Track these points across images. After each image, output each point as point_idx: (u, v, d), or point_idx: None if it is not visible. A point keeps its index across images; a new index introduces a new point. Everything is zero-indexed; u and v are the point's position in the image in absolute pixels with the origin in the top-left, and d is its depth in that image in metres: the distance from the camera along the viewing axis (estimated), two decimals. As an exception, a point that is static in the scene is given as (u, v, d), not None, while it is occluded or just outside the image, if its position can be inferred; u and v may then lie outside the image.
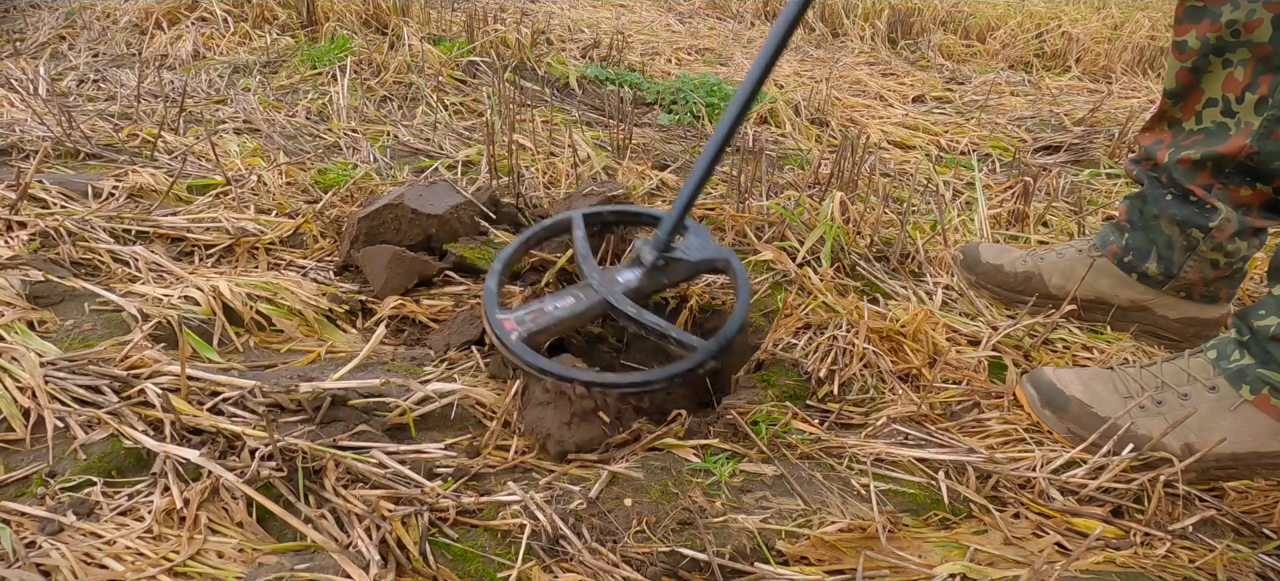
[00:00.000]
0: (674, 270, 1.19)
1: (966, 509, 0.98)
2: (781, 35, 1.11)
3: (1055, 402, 1.11)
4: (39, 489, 0.84)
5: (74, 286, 1.15)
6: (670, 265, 1.18)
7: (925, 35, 3.88)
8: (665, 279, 1.19)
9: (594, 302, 1.12)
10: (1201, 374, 1.06)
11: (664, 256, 1.17)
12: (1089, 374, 1.13)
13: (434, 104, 2.26)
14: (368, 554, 0.80)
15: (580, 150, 1.97)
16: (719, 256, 1.22)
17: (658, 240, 1.17)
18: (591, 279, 1.15)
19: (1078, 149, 2.55)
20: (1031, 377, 1.16)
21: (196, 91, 2.23)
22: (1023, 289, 1.42)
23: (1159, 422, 1.05)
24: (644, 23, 3.79)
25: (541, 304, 1.13)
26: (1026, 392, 1.15)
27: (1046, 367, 1.17)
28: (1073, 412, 1.09)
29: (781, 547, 0.89)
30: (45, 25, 2.79)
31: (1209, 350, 1.09)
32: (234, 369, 1.06)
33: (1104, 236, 1.40)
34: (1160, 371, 1.10)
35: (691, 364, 1.06)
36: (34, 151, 1.64)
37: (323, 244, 1.46)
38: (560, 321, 1.11)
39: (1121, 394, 1.09)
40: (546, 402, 1.04)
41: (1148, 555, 0.92)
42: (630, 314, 1.10)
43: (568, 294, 1.16)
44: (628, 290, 1.14)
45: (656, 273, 1.17)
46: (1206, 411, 1.03)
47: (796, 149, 2.30)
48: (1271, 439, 1.00)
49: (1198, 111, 1.23)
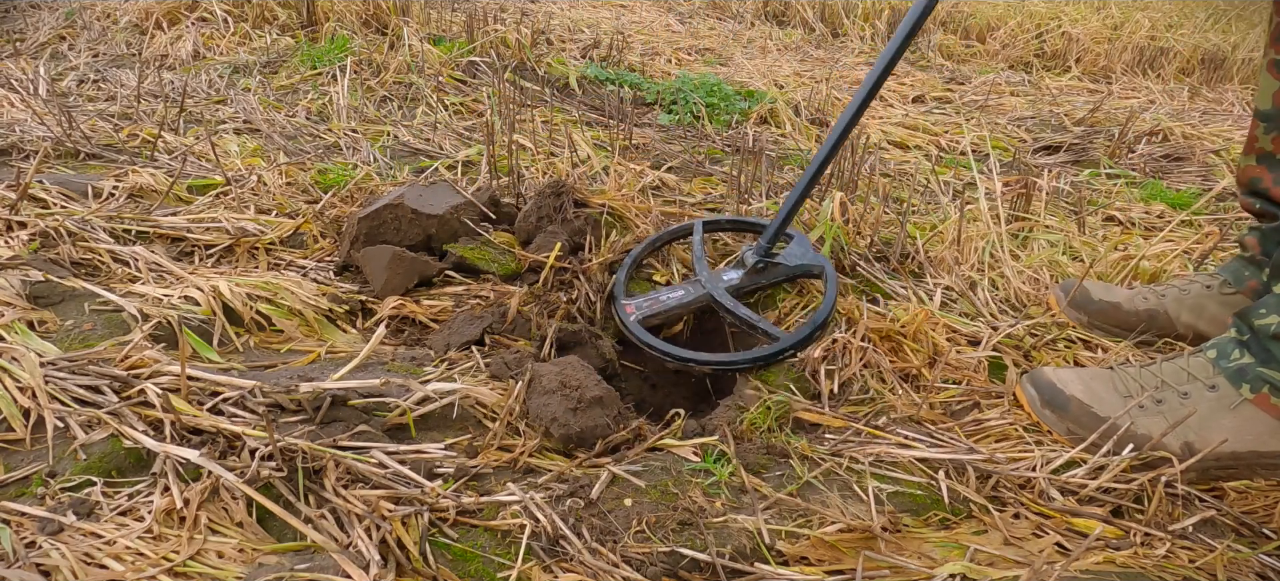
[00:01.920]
0: (773, 273, 1.35)
1: (966, 509, 0.98)
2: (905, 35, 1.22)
3: (1055, 402, 1.10)
4: (39, 489, 0.84)
5: (74, 286, 1.15)
6: (769, 268, 1.35)
7: (925, 35, 3.88)
8: (764, 280, 1.35)
9: (700, 295, 1.32)
10: (1201, 373, 1.06)
11: (764, 260, 1.34)
12: (1089, 374, 1.13)
13: (434, 104, 2.26)
14: (368, 554, 0.80)
15: (580, 150, 1.97)
16: (815, 263, 1.35)
17: (759, 246, 1.34)
18: (701, 275, 1.34)
19: (1078, 149, 2.55)
20: (1031, 378, 1.15)
21: (196, 91, 2.23)
22: (1145, 328, 1.35)
23: (1159, 422, 1.04)
24: (644, 23, 3.79)
25: (657, 294, 1.34)
26: (1026, 392, 1.15)
27: (1046, 368, 1.16)
28: (1073, 412, 1.09)
29: (781, 547, 0.89)
30: (45, 25, 2.79)
31: (1209, 349, 1.09)
32: (234, 369, 1.06)
33: (1237, 272, 1.33)
34: (1160, 371, 1.10)
35: (774, 350, 1.20)
36: (34, 151, 1.64)
37: (323, 244, 1.46)
38: (670, 308, 1.32)
39: (1121, 393, 1.09)
40: (552, 391, 1.04)
41: (1148, 555, 0.92)
42: (727, 306, 1.28)
43: (680, 287, 1.37)
44: (729, 287, 1.32)
45: (756, 273, 1.34)
46: (1206, 410, 1.02)
47: (796, 149, 2.30)
48: (1271, 438, 1.00)
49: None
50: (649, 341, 1.26)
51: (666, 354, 1.24)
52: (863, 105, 1.25)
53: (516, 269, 1.42)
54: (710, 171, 2.02)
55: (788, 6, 4.16)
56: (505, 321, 1.27)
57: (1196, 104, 3.24)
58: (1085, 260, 1.59)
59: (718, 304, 1.30)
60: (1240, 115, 3.09)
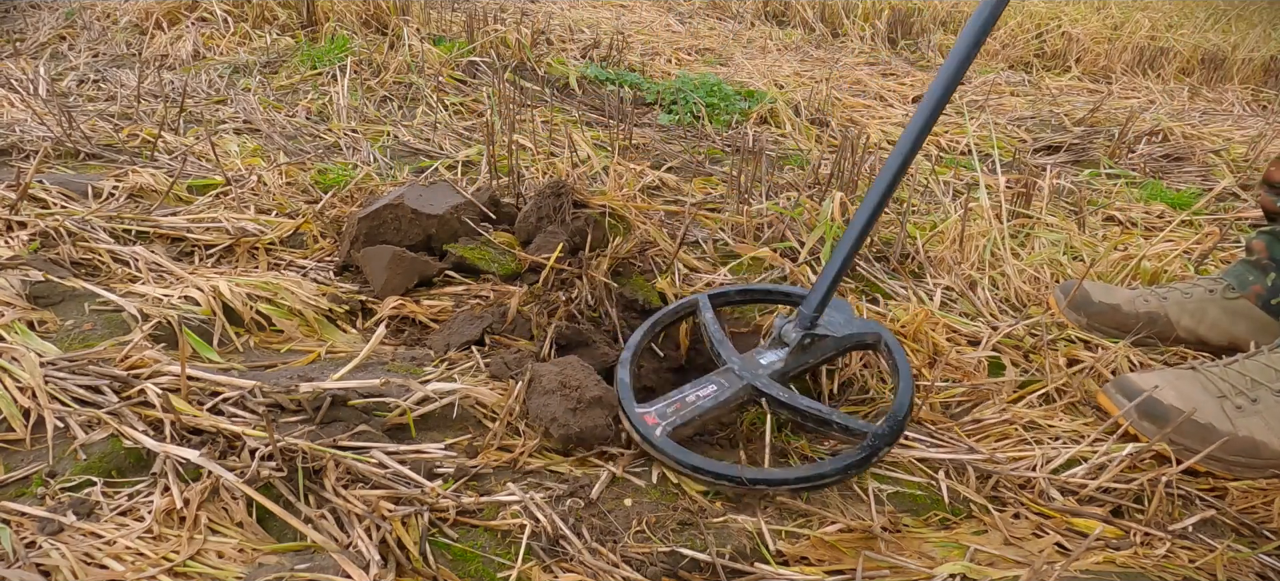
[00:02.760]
0: (820, 348, 1.12)
1: (966, 509, 0.98)
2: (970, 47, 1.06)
3: (1154, 413, 1.07)
4: (39, 489, 0.84)
5: (74, 286, 1.15)
6: (815, 343, 1.11)
7: (925, 35, 3.88)
8: (810, 358, 1.12)
9: (739, 388, 1.05)
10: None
11: (810, 335, 1.10)
12: (1175, 376, 1.10)
13: (434, 104, 2.26)
14: (368, 554, 0.80)
15: (580, 150, 1.97)
16: (869, 331, 1.14)
17: (804, 318, 1.11)
18: (731, 363, 1.08)
19: (1078, 149, 2.55)
20: (1120, 386, 1.11)
21: (196, 91, 2.23)
22: (1145, 330, 1.34)
23: (1257, 422, 1.04)
24: (644, 23, 3.79)
25: (682, 394, 1.06)
26: (1117, 402, 1.11)
27: (1132, 374, 1.12)
28: (1174, 421, 1.05)
29: (781, 547, 0.89)
30: (45, 25, 2.79)
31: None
32: (234, 369, 1.06)
33: (1240, 276, 1.32)
34: (1246, 368, 1.09)
35: (865, 453, 0.98)
36: (34, 151, 1.64)
37: (323, 244, 1.46)
38: (704, 412, 1.03)
39: (1214, 396, 1.07)
40: (551, 391, 1.04)
41: (1148, 555, 0.92)
42: (781, 399, 1.03)
43: (709, 381, 1.08)
44: (772, 373, 1.07)
45: (802, 352, 1.10)
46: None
47: (796, 149, 2.30)
48: None
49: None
50: (693, 463, 0.96)
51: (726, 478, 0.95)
52: (919, 139, 1.06)
53: (517, 269, 1.42)
54: (710, 171, 2.02)
55: (788, 6, 4.16)
56: (505, 321, 1.27)
57: (1196, 104, 3.24)
58: (1085, 260, 1.59)
59: (767, 397, 1.04)
60: (1240, 115, 3.09)
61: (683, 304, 1.24)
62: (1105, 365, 1.26)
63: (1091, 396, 1.19)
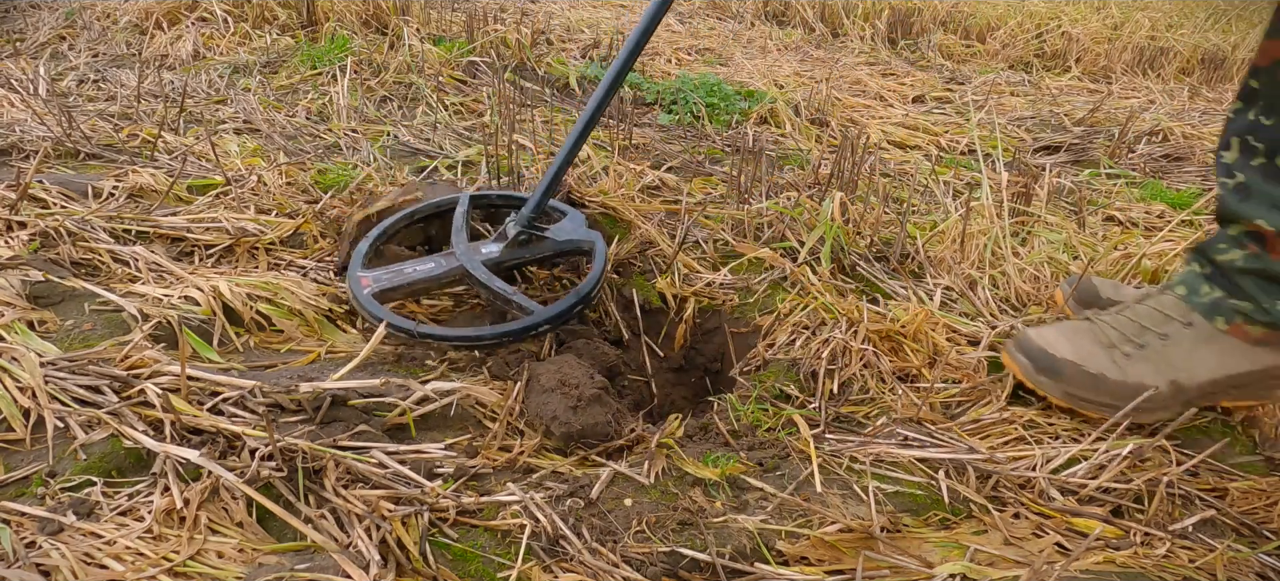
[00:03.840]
0: (538, 247, 1.29)
1: (966, 509, 0.98)
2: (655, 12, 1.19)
3: (1050, 368, 1.10)
4: (39, 489, 0.84)
5: (74, 286, 1.15)
6: (534, 241, 1.28)
7: (925, 35, 3.88)
8: (527, 254, 1.28)
9: (453, 268, 1.23)
10: (1175, 311, 1.11)
11: (527, 232, 1.26)
12: (1071, 329, 1.14)
13: (434, 104, 2.26)
14: (368, 554, 0.80)
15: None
16: (586, 239, 1.30)
17: (520, 218, 1.27)
18: (457, 249, 1.25)
19: (1078, 149, 2.55)
20: (1019, 345, 1.15)
21: (196, 91, 2.23)
22: None
23: (1146, 367, 1.08)
24: (644, 23, 3.79)
25: (401, 267, 1.23)
26: (1018, 361, 1.14)
27: (1030, 330, 1.16)
28: (1068, 375, 1.09)
29: (781, 547, 0.89)
30: (45, 25, 2.79)
31: (1177, 286, 1.12)
32: (234, 369, 1.06)
33: None
34: (1137, 314, 1.13)
35: (526, 324, 1.16)
36: (34, 151, 1.63)
37: (323, 244, 1.46)
38: (414, 282, 1.22)
39: (1105, 345, 1.11)
40: (551, 390, 1.04)
41: (1148, 555, 0.92)
42: (481, 280, 1.20)
43: (430, 260, 1.26)
44: (486, 260, 1.24)
45: (519, 246, 1.27)
46: (1187, 346, 1.07)
47: (796, 149, 2.30)
48: (1244, 360, 1.08)
49: None
50: (379, 316, 1.15)
51: (401, 330, 1.14)
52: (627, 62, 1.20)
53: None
54: (710, 171, 2.02)
55: (788, 6, 4.16)
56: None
57: (1196, 104, 3.24)
58: (1085, 259, 1.59)
59: (471, 277, 1.21)
60: (1240, 115, 3.08)
61: (446, 199, 1.39)
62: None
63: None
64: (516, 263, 1.28)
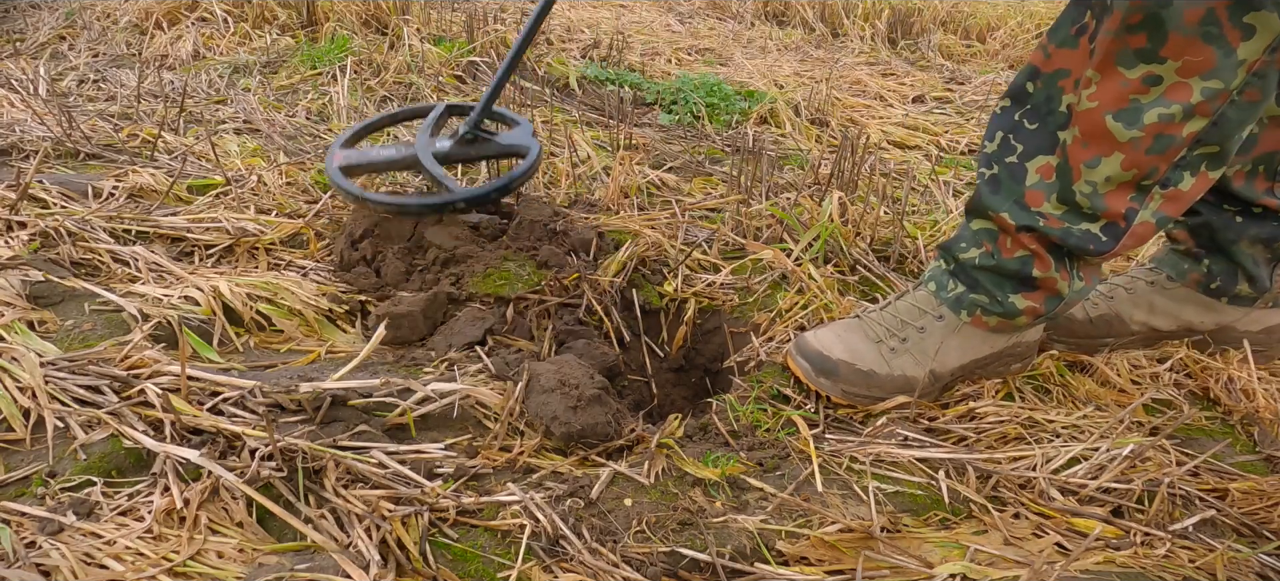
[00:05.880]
0: (482, 147, 1.45)
1: (966, 509, 0.98)
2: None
3: (826, 369, 1.14)
4: (39, 489, 0.84)
5: (74, 286, 1.15)
6: (479, 141, 1.44)
7: (925, 35, 3.88)
8: (473, 152, 1.45)
9: (407, 155, 1.42)
10: (928, 306, 1.18)
11: (474, 132, 1.43)
12: (843, 328, 1.19)
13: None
14: (368, 554, 0.80)
15: (580, 150, 1.97)
16: (523, 145, 1.44)
17: (469, 121, 1.43)
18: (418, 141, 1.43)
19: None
20: (798, 347, 1.18)
21: (196, 91, 2.23)
22: (1104, 334, 1.33)
23: (907, 360, 1.14)
24: (644, 23, 3.79)
25: (368, 150, 1.46)
26: (800, 366, 1.17)
27: (808, 333, 1.19)
28: (843, 374, 1.13)
29: (781, 547, 0.89)
30: (45, 25, 2.79)
31: (929, 282, 1.20)
32: (234, 369, 1.06)
33: (1175, 264, 1.33)
34: (898, 310, 1.20)
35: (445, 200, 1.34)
36: (34, 151, 1.63)
37: (323, 244, 1.46)
38: (375, 162, 1.44)
39: (873, 340, 1.16)
40: (551, 390, 1.04)
41: (1148, 555, 0.92)
42: (426, 167, 1.38)
43: (391, 146, 1.47)
44: (438, 153, 1.41)
45: (466, 145, 1.43)
46: (938, 337, 1.16)
47: (796, 149, 2.30)
48: (984, 345, 1.18)
49: None
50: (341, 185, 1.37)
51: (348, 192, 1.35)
52: None
53: (536, 282, 1.41)
54: (710, 171, 2.02)
55: (788, 6, 4.16)
56: (506, 322, 1.27)
57: (1196, 104, 3.23)
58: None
59: (420, 165, 1.39)
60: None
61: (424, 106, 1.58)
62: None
63: None
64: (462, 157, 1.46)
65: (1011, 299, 1.13)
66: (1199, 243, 1.30)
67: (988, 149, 1.13)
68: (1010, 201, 1.09)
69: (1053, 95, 1.05)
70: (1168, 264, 1.35)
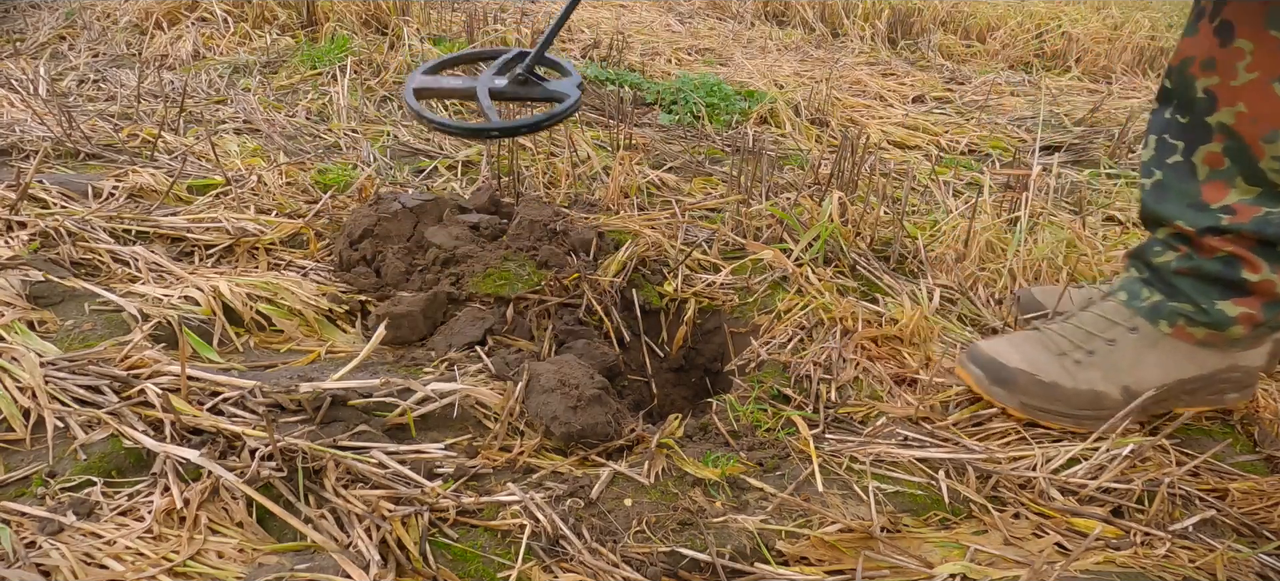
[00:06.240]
0: (531, 88, 1.51)
1: (966, 509, 0.98)
2: None
3: (1002, 378, 1.10)
4: (39, 489, 0.84)
5: (74, 286, 1.15)
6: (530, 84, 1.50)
7: (925, 35, 3.88)
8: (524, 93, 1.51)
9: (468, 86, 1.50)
10: (1119, 317, 1.11)
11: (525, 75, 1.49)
12: (1020, 338, 1.15)
13: (434, 104, 2.26)
14: (368, 554, 0.80)
15: (580, 150, 1.97)
16: (565, 92, 1.49)
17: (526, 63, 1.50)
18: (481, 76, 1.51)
19: (1078, 149, 2.55)
20: (971, 356, 1.15)
21: (196, 91, 2.23)
22: None
23: (1095, 373, 1.08)
24: (644, 23, 3.79)
25: (440, 78, 1.55)
26: (971, 373, 1.14)
27: (981, 342, 1.16)
28: (1021, 385, 1.09)
29: (781, 547, 0.89)
30: (45, 25, 2.79)
31: (1118, 292, 1.13)
32: (234, 369, 1.06)
33: None
34: (1083, 321, 1.13)
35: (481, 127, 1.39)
36: (34, 151, 1.63)
37: (323, 244, 1.46)
38: (443, 89, 1.54)
39: (1055, 352, 1.11)
40: (551, 390, 1.04)
41: (1148, 555, 0.92)
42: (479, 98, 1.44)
43: (458, 79, 1.58)
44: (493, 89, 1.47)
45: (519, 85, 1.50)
46: (1133, 351, 1.08)
47: (796, 149, 2.30)
48: (1189, 363, 1.09)
49: None
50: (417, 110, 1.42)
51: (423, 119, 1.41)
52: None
53: (538, 283, 1.41)
54: (710, 171, 2.02)
55: (788, 6, 4.15)
56: (506, 322, 1.27)
57: (1196, 104, 3.23)
58: (1088, 257, 1.59)
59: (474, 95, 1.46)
60: (1240, 115, 3.08)
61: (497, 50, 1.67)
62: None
63: None
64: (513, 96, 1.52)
65: (1219, 306, 1.04)
66: None
67: (1145, 156, 1.09)
68: (1182, 205, 1.04)
69: (1187, 83, 1.02)
70: None
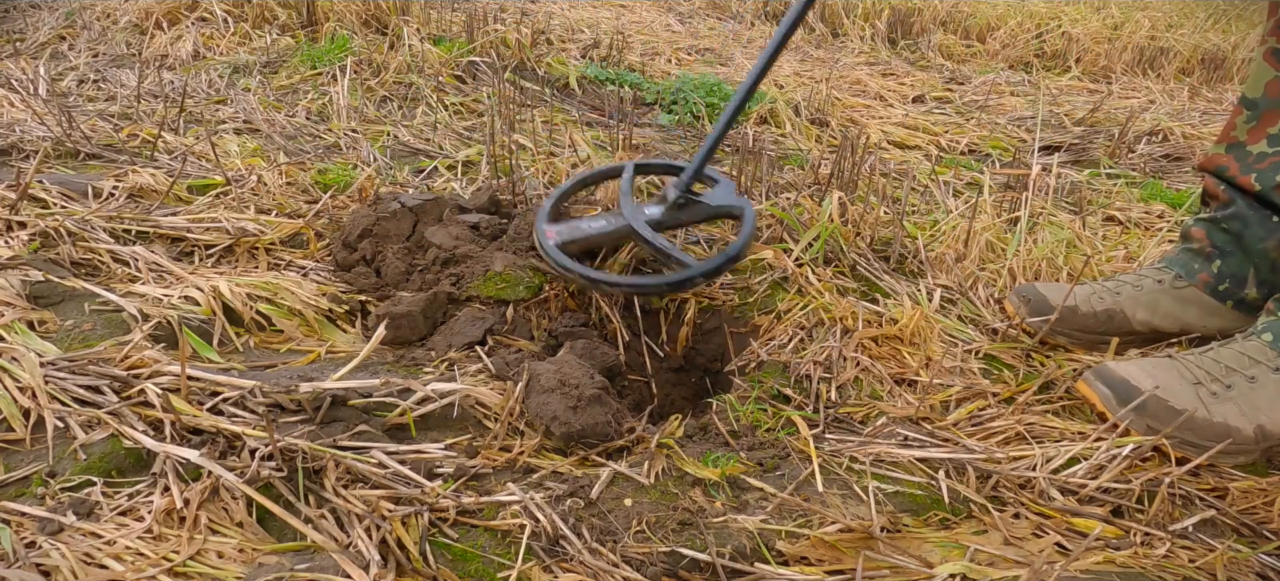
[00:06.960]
0: (694, 210, 1.40)
1: (966, 509, 0.98)
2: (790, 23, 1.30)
3: (1131, 399, 1.10)
4: (39, 489, 0.84)
5: (74, 286, 1.15)
6: (690, 205, 1.39)
7: (925, 35, 3.88)
8: (685, 217, 1.40)
9: (620, 226, 1.36)
10: (1261, 356, 1.11)
11: (684, 196, 1.38)
12: (1152, 364, 1.14)
13: (434, 104, 2.26)
14: (368, 554, 0.80)
15: (580, 150, 1.97)
16: (736, 205, 1.39)
17: (680, 184, 1.39)
18: (624, 210, 1.37)
19: (1078, 149, 2.55)
20: (1100, 375, 1.14)
21: (196, 91, 2.23)
22: (1104, 329, 1.33)
23: (1231, 408, 1.08)
24: (644, 23, 3.79)
25: (579, 222, 1.39)
26: (1098, 391, 1.13)
27: (1110, 363, 1.15)
28: (1150, 408, 1.09)
29: (781, 547, 0.89)
30: (45, 25, 2.79)
31: (1263, 333, 1.13)
32: (234, 369, 1.06)
33: (1186, 264, 1.33)
34: (1221, 356, 1.13)
35: (683, 276, 1.26)
36: (34, 151, 1.63)
37: (323, 244, 1.46)
38: (590, 236, 1.37)
39: (1190, 382, 1.10)
40: (551, 390, 1.04)
41: (1148, 555, 0.92)
42: (646, 237, 1.31)
43: (602, 217, 1.41)
44: (650, 220, 1.35)
45: (677, 210, 1.38)
46: (1275, 391, 1.08)
47: (796, 149, 2.30)
48: None
49: (1272, 133, 1.20)
50: (564, 264, 1.29)
51: (580, 275, 1.27)
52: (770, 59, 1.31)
53: (539, 285, 1.41)
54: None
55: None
56: (506, 322, 1.27)
57: (1196, 104, 3.24)
58: (1089, 256, 1.59)
59: (637, 235, 1.33)
60: (1240, 115, 3.08)
61: (612, 167, 1.55)
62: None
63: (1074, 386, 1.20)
64: (674, 223, 1.40)
65: None
66: (1212, 241, 1.29)
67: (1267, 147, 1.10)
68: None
69: None
70: (1180, 264, 1.34)
